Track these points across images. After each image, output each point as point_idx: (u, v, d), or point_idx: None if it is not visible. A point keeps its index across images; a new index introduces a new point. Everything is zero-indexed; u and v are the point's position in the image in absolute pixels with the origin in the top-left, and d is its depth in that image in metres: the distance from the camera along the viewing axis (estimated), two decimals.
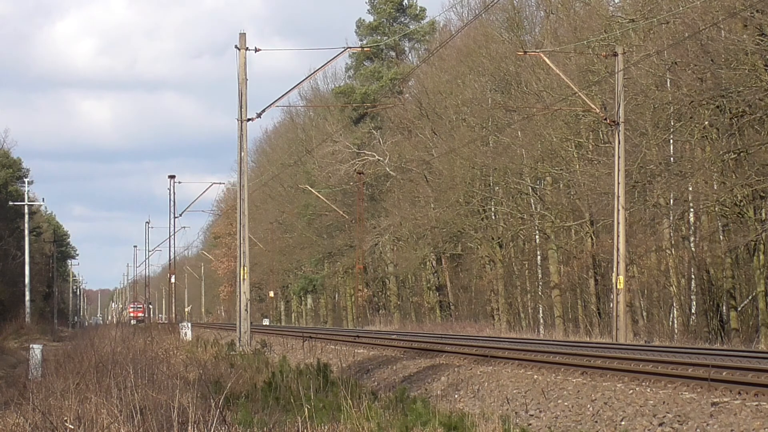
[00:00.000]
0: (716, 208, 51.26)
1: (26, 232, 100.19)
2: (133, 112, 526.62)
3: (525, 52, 57.68)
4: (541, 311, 70.99)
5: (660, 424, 19.75)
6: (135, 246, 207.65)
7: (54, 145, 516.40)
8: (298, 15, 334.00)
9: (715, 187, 51.00)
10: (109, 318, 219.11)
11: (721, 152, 50.18)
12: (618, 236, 47.86)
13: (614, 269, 48.32)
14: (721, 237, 52.42)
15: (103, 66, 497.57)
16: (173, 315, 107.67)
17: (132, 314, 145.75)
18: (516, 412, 23.20)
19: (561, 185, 65.80)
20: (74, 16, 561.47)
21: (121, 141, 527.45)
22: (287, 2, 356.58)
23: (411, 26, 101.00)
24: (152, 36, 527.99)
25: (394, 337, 50.27)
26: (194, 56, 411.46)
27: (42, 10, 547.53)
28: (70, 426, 17.06)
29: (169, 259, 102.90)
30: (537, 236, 71.11)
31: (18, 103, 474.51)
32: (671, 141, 54.27)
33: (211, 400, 17.57)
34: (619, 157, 47.73)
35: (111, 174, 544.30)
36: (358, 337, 50.42)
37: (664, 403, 21.01)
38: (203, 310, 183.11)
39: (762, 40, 45.95)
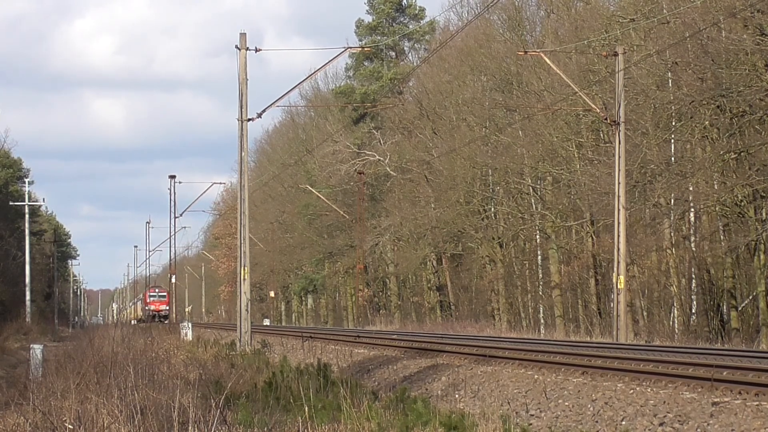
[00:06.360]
0: (717, 208, 51.26)
1: (26, 232, 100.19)
2: (147, 112, 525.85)
3: (526, 52, 57.67)
4: (541, 311, 70.98)
5: (660, 424, 19.74)
6: (135, 246, 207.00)
7: (66, 144, 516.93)
8: (317, 14, 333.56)
9: (716, 187, 51.01)
10: (110, 318, 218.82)
11: (721, 152, 50.19)
12: (618, 236, 47.85)
13: (615, 269, 48.31)
14: (721, 237, 52.43)
15: (119, 64, 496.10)
16: (174, 315, 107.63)
17: (152, 307, 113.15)
18: (516, 412, 23.19)
19: (561, 185, 65.80)
20: (93, 14, 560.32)
21: (133, 140, 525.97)
22: (307, 2, 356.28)
23: (410, 26, 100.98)
24: (170, 34, 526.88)
25: (394, 337, 50.26)
26: (212, 55, 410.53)
27: (61, 8, 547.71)
28: (70, 426, 17.04)
29: (170, 259, 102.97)
30: (537, 236, 71.11)
31: (33, 101, 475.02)
32: (672, 141, 54.28)
33: (212, 400, 17.55)
34: (619, 156, 47.73)
35: (120, 173, 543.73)
36: (358, 337, 50.40)
37: (664, 402, 21.00)
38: (204, 310, 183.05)
39: (762, 40, 45.93)
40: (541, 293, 71.26)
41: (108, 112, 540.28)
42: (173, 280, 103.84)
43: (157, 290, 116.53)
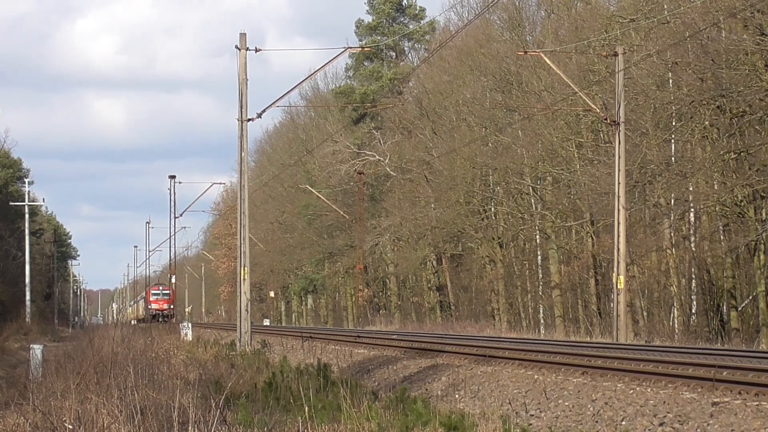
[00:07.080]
0: (717, 208, 51.26)
1: (26, 232, 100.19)
2: (147, 112, 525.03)
3: (526, 52, 57.67)
4: (541, 311, 70.98)
5: (660, 424, 19.74)
6: (135, 246, 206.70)
7: (66, 144, 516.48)
8: (318, 14, 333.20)
9: (716, 187, 51.01)
10: (110, 318, 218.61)
11: (721, 152, 50.18)
12: (618, 236, 47.84)
13: (615, 269, 48.31)
14: (721, 237, 52.43)
15: (120, 64, 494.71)
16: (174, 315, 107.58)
17: (155, 305, 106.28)
18: (516, 412, 23.18)
19: (561, 185, 65.80)
20: (95, 15, 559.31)
21: (133, 140, 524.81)
22: (308, 2, 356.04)
23: (410, 26, 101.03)
24: (172, 34, 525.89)
25: (394, 337, 50.25)
26: (213, 56, 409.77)
27: (62, 8, 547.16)
28: (70, 426, 17.04)
29: (170, 259, 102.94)
30: (537, 236, 71.10)
31: (33, 101, 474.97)
32: (672, 141, 54.28)
33: (212, 401, 17.55)
34: (619, 157, 47.73)
35: (120, 173, 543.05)
36: (358, 337, 50.41)
37: (664, 403, 21.00)
38: (204, 310, 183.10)
39: (762, 40, 45.93)
40: (541, 293, 71.25)
41: (108, 112, 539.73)
42: (173, 280, 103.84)
43: (160, 288, 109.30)
